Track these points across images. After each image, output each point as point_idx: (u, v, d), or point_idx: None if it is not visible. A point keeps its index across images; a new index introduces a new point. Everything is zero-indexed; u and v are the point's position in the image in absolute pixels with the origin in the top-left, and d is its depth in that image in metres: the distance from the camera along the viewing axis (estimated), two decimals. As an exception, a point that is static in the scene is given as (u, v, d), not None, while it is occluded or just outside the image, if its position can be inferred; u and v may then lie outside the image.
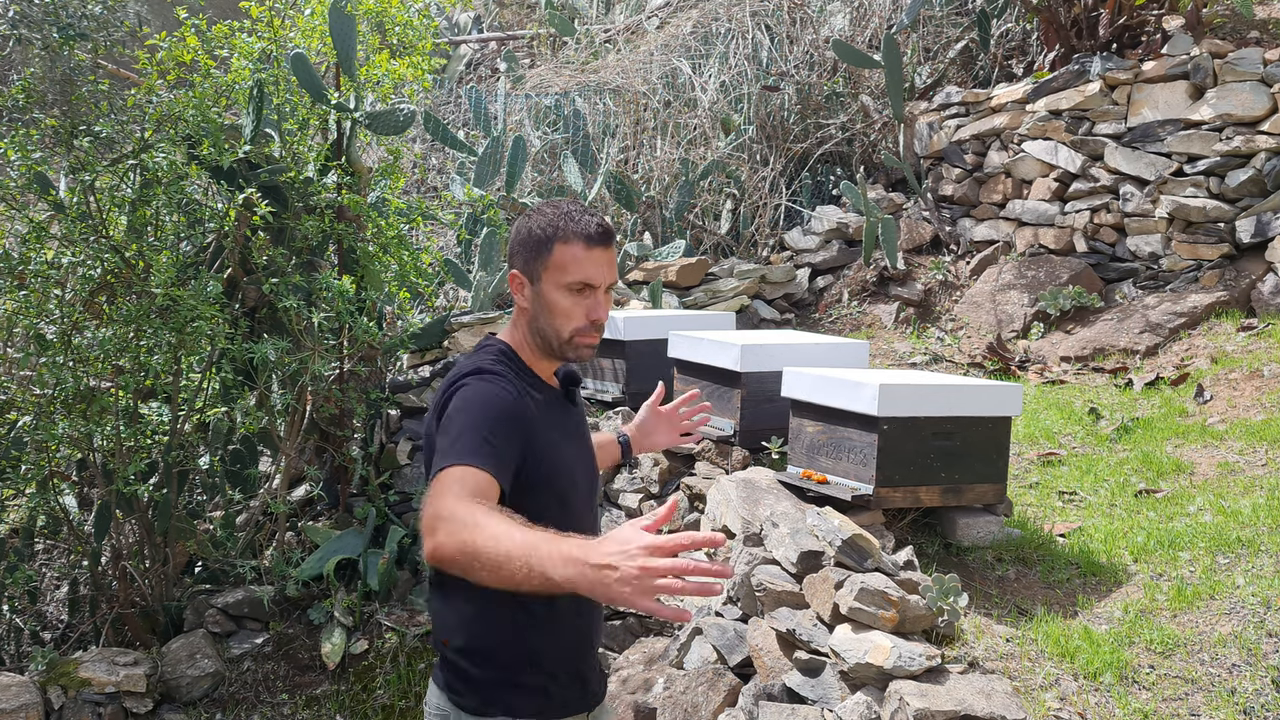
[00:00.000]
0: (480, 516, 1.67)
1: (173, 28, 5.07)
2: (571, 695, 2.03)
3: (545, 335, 2.03)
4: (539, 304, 2.02)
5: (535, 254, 2.01)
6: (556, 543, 1.58)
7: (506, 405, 1.91)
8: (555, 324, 2.02)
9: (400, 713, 4.50)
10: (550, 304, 2.01)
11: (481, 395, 1.91)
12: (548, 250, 2.00)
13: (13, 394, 4.77)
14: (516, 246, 2.05)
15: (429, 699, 2.05)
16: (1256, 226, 5.64)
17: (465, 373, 1.97)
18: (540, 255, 2.01)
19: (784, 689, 3.01)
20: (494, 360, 2.00)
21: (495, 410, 1.89)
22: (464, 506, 1.70)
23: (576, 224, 2.00)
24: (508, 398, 1.92)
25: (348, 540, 4.97)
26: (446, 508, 1.71)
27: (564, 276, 2.00)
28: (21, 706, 4.18)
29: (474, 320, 5.59)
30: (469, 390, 1.92)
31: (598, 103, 7.56)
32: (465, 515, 1.68)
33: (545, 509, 1.91)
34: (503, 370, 1.98)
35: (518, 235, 2.05)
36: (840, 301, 6.74)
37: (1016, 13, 7.38)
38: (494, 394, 1.91)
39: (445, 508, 1.71)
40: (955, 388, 3.57)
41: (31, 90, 4.76)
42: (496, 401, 1.90)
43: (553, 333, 2.02)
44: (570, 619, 2.01)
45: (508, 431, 1.88)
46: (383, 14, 5.42)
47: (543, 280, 2.01)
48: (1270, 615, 2.94)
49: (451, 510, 1.70)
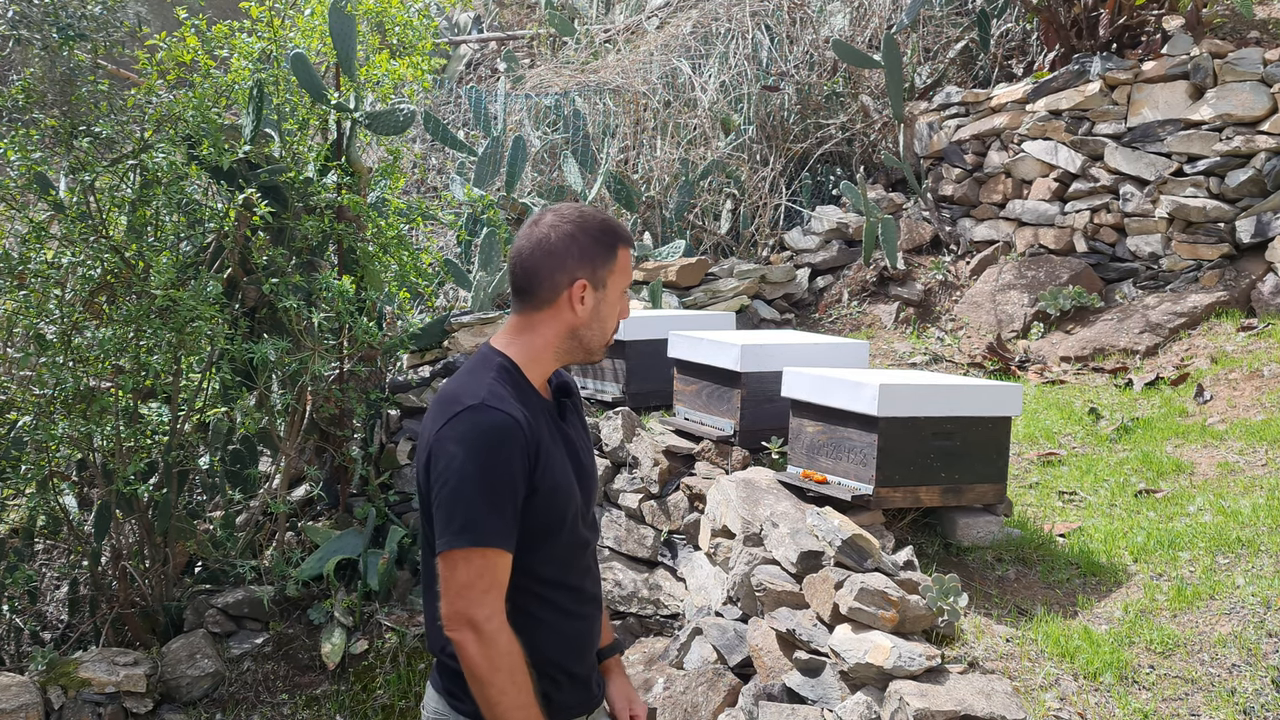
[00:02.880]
0: (518, 677, 1.85)
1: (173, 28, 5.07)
2: (572, 698, 2.02)
3: (587, 341, 2.00)
4: (598, 310, 1.98)
5: (602, 259, 1.96)
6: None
7: (510, 441, 1.85)
8: (606, 328, 2.01)
9: (400, 713, 4.50)
10: (610, 308, 2.00)
11: (485, 440, 1.84)
12: (613, 254, 1.97)
13: (13, 394, 4.77)
14: (574, 252, 1.94)
15: (426, 703, 2.04)
16: (1256, 226, 5.64)
17: (464, 403, 1.88)
18: (607, 260, 1.97)
19: (784, 689, 3.01)
20: (494, 381, 1.92)
21: (502, 454, 1.84)
22: (506, 640, 1.84)
23: (622, 228, 2.02)
24: (512, 428, 1.86)
25: (348, 540, 4.98)
26: (484, 615, 1.83)
27: (624, 280, 2.01)
28: (21, 706, 4.18)
29: (474, 320, 5.59)
30: (470, 433, 1.84)
31: (598, 103, 7.56)
32: (506, 659, 1.84)
33: (540, 522, 1.91)
34: (504, 393, 1.90)
35: (573, 241, 1.95)
36: (840, 301, 6.74)
37: (1016, 13, 7.38)
38: (497, 434, 1.84)
39: (482, 615, 1.83)
40: (955, 388, 3.57)
41: (31, 90, 4.76)
42: (501, 441, 1.84)
43: (599, 337, 2.01)
44: (570, 621, 2.00)
45: (515, 477, 1.86)
46: (383, 14, 5.42)
47: (608, 285, 1.98)
48: (1270, 615, 2.94)
49: (495, 632, 1.83)
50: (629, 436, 4.44)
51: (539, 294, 1.97)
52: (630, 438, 4.44)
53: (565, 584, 1.99)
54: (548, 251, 1.95)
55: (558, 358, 2.01)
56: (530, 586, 1.94)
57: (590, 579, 2.06)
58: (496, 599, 1.84)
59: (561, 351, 2.01)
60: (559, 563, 1.98)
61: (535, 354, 1.99)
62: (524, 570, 1.93)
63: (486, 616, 1.82)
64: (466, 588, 1.82)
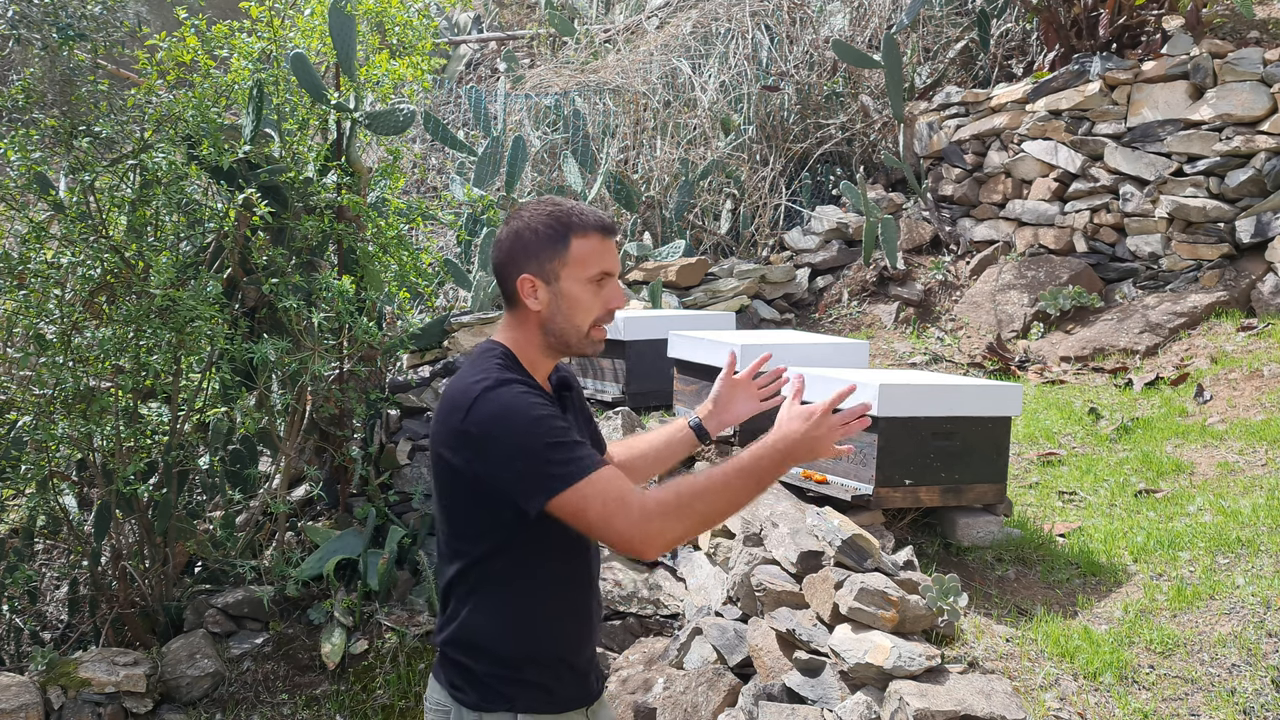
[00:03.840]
0: (699, 479, 1.86)
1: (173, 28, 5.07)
2: (573, 690, 2.03)
3: (562, 334, 2.00)
4: (557, 303, 1.99)
5: (549, 253, 1.97)
6: (752, 451, 1.90)
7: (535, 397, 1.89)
8: (576, 320, 2.00)
9: (400, 713, 4.50)
10: (572, 300, 1.98)
11: (515, 403, 1.87)
12: (564, 246, 1.97)
13: (13, 394, 4.77)
14: (519, 250, 1.98)
15: (429, 695, 2.05)
16: (1256, 226, 5.64)
17: (477, 389, 1.90)
18: (556, 253, 1.97)
19: (784, 689, 3.01)
20: (499, 366, 1.96)
21: (535, 406, 1.87)
22: (660, 500, 1.83)
23: (587, 216, 1.99)
24: (531, 390, 1.91)
25: (348, 540, 4.97)
26: (637, 519, 1.82)
27: (586, 270, 1.98)
28: (21, 706, 4.18)
29: (474, 320, 5.59)
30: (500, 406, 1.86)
31: (597, 103, 7.56)
32: (674, 495, 1.84)
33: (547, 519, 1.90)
34: (519, 377, 1.94)
35: (518, 239, 1.99)
36: (840, 301, 6.74)
37: (1016, 13, 7.38)
38: (522, 396, 1.88)
39: (637, 520, 1.82)
40: (955, 388, 3.57)
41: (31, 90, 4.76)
42: (529, 397, 1.88)
43: (572, 329, 2.00)
44: (571, 614, 2.01)
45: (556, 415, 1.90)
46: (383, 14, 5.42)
47: (562, 278, 1.98)
48: (1270, 615, 2.94)
49: (655, 511, 1.82)
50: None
51: (505, 293, 2.03)
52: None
53: (565, 577, 2.00)
54: (501, 249, 2.02)
55: (544, 353, 2.03)
56: (531, 578, 1.95)
57: (590, 572, 2.07)
58: (631, 497, 1.83)
59: (544, 346, 2.02)
60: (560, 556, 1.98)
61: (523, 348, 2.02)
62: (524, 563, 1.94)
63: (640, 518, 1.82)
64: (610, 516, 1.82)
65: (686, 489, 1.84)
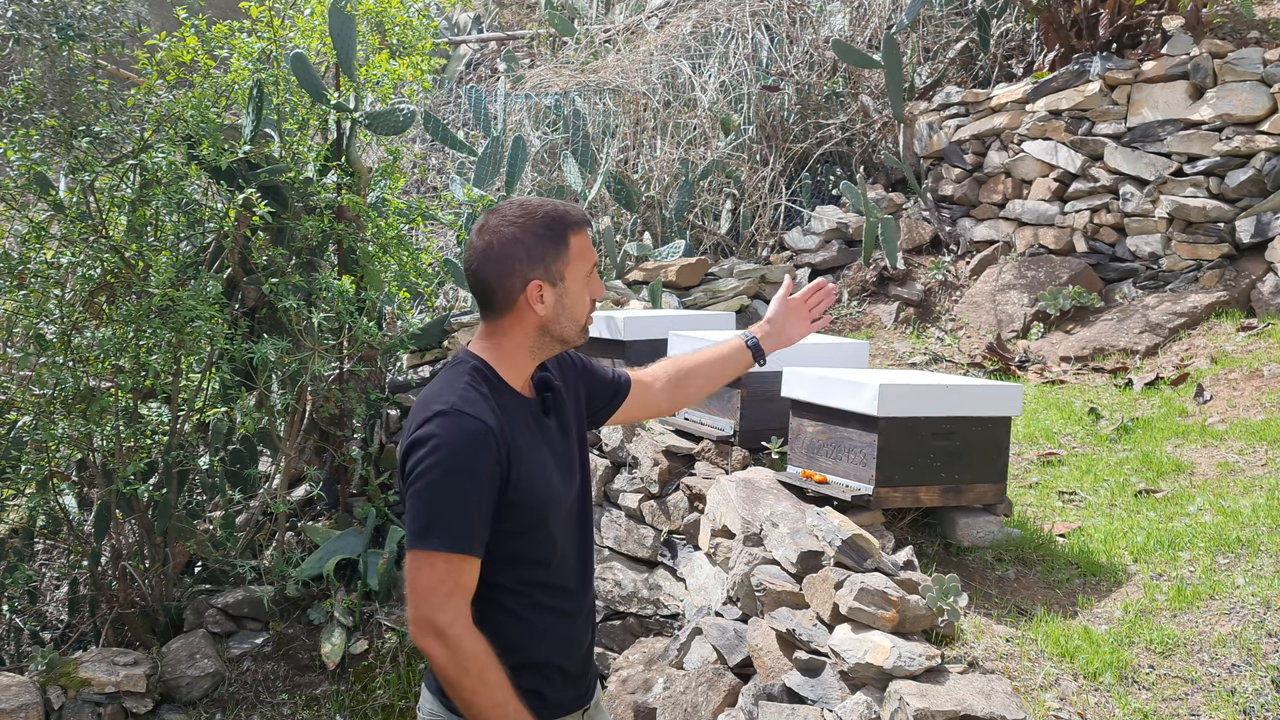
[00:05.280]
0: (489, 675, 1.83)
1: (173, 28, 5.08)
2: (566, 696, 2.02)
3: (563, 333, 1.98)
4: (562, 303, 1.95)
5: (552, 254, 1.93)
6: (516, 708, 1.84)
7: (479, 446, 1.83)
8: (576, 314, 1.98)
9: (400, 713, 4.50)
10: (574, 297, 1.96)
11: (454, 445, 1.82)
12: (563, 245, 1.94)
13: (13, 394, 4.77)
14: (521, 257, 1.90)
15: (422, 703, 2.04)
16: (1256, 226, 5.64)
17: (434, 408, 1.86)
18: (559, 253, 1.93)
19: (784, 689, 3.01)
20: (467, 386, 1.90)
21: (470, 459, 1.82)
22: (470, 642, 1.82)
23: (573, 212, 1.97)
24: (482, 433, 1.83)
25: (347, 540, 4.98)
26: (446, 620, 1.81)
27: (584, 265, 1.97)
28: (21, 706, 4.18)
29: (474, 320, 5.59)
30: (439, 438, 1.82)
31: (597, 103, 7.56)
32: (473, 661, 1.82)
33: (518, 522, 1.90)
34: (477, 397, 1.88)
35: (516, 245, 1.91)
36: (840, 302, 6.74)
37: (1016, 13, 7.38)
38: (466, 439, 1.82)
39: (445, 620, 1.81)
40: (955, 388, 3.57)
41: (31, 90, 4.76)
42: (470, 446, 1.82)
43: (573, 326, 1.98)
44: (559, 619, 2.00)
45: (482, 482, 1.83)
46: (383, 14, 5.42)
47: (566, 277, 1.95)
48: (1270, 615, 2.94)
49: (458, 636, 1.82)
50: (629, 436, 4.44)
51: (496, 302, 1.95)
52: (630, 438, 4.44)
53: (550, 583, 1.98)
54: (495, 259, 1.92)
55: (534, 356, 1.99)
56: (515, 586, 1.94)
57: (579, 576, 2.05)
58: (460, 603, 1.83)
59: (537, 349, 1.99)
60: (543, 561, 1.96)
61: (507, 356, 1.97)
62: (508, 570, 1.93)
63: (448, 622, 1.81)
64: (429, 592, 1.82)
65: (476, 667, 1.82)
